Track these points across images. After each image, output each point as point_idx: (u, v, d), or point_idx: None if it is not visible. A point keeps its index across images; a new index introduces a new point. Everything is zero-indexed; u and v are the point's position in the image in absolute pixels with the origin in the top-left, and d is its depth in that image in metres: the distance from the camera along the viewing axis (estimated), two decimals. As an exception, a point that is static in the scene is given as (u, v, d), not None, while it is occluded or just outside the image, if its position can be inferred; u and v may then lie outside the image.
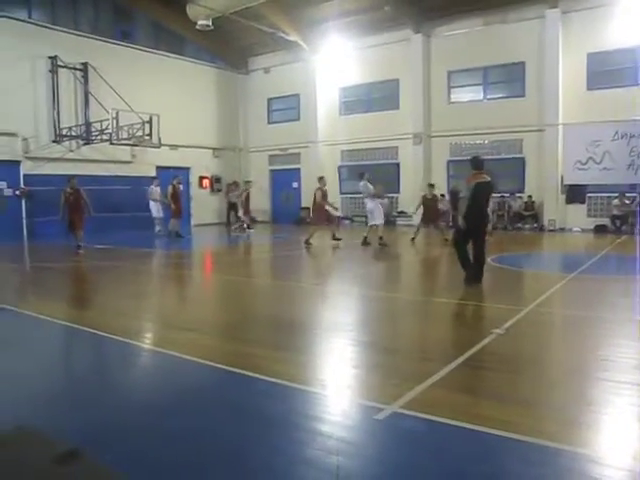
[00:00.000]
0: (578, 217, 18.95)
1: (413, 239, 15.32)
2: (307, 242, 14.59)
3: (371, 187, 14.67)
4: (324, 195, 14.95)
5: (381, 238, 14.22)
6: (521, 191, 20.03)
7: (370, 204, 14.70)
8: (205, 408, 3.84)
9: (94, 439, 3.20)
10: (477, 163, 8.71)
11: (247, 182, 21.09)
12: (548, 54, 18.73)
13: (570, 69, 18.52)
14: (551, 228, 19.04)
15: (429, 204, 15.36)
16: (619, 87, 17.67)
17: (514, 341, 5.40)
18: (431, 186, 16.20)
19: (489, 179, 8.76)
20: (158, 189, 19.17)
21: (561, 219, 19.16)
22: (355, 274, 10.99)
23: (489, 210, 9.13)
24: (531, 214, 19.54)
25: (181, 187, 19.15)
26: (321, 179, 15.20)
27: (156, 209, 19.17)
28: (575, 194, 18.97)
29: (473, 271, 8.38)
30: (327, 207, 15.17)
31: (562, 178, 19.03)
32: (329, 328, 6.22)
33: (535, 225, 19.46)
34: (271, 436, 3.35)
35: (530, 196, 19.59)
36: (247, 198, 19.69)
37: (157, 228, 18.95)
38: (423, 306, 7.71)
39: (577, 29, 18.37)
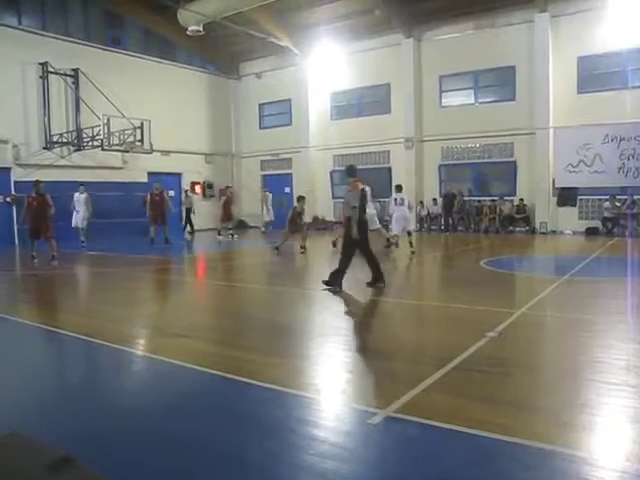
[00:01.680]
0: (569, 220, 19.06)
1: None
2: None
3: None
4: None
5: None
6: (512, 194, 20.12)
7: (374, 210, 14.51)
8: (199, 414, 3.82)
9: (88, 446, 3.17)
10: (354, 171, 8.96)
11: (226, 188, 21.01)
12: (538, 58, 18.87)
13: (560, 73, 18.65)
14: (543, 231, 19.13)
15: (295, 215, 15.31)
16: (609, 90, 17.84)
17: (507, 344, 5.41)
18: (302, 198, 15.82)
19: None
20: (82, 196, 17.43)
21: (553, 222, 19.26)
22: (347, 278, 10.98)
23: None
24: (522, 217, 19.63)
25: (170, 193, 18.79)
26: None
27: (75, 219, 17.33)
28: (566, 197, 19.09)
29: (340, 280, 8.53)
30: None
31: (553, 181, 19.14)
32: (322, 333, 6.21)
33: (527, 228, 19.55)
34: (266, 441, 3.34)
35: (522, 199, 19.68)
36: (225, 204, 19.62)
37: (82, 239, 17.17)
38: (416, 310, 7.72)
39: (567, 33, 18.52)
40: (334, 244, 14.60)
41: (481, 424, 3.41)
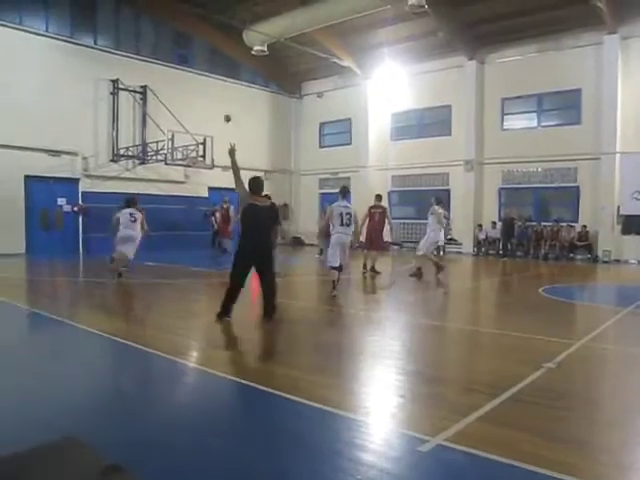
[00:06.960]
0: (635, 249, 18.31)
1: None
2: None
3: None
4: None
5: (419, 269, 13.23)
6: (575, 220, 19.53)
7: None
8: (248, 429, 3.82)
9: (136, 454, 3.23)
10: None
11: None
12: (606, 81, 18.35)
13: (629, 96, 18.07)
14: (605, 259, 18.43)
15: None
16: (682, 115, 17.14)
17: (566, 376, 5.20)
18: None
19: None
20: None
21: (617, 250, 18.54)
22: (402, 301, 10.88)
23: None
24: (585, 244, 18.98)
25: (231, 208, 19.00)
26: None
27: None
28: (632, 225, 18.37)
29: (227, 309, 7.59)
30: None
31: (618, 208, 18.46)
32: (375, 355, 6.14)
33: (589, 256, 18.88)
34: (314, 462, 3.31)
35: (584, 226, 19.05)
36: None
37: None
38: (471, 336, 7.55)
39: (637, 55, 17.93)
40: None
41: (536, 459, 3.27)
